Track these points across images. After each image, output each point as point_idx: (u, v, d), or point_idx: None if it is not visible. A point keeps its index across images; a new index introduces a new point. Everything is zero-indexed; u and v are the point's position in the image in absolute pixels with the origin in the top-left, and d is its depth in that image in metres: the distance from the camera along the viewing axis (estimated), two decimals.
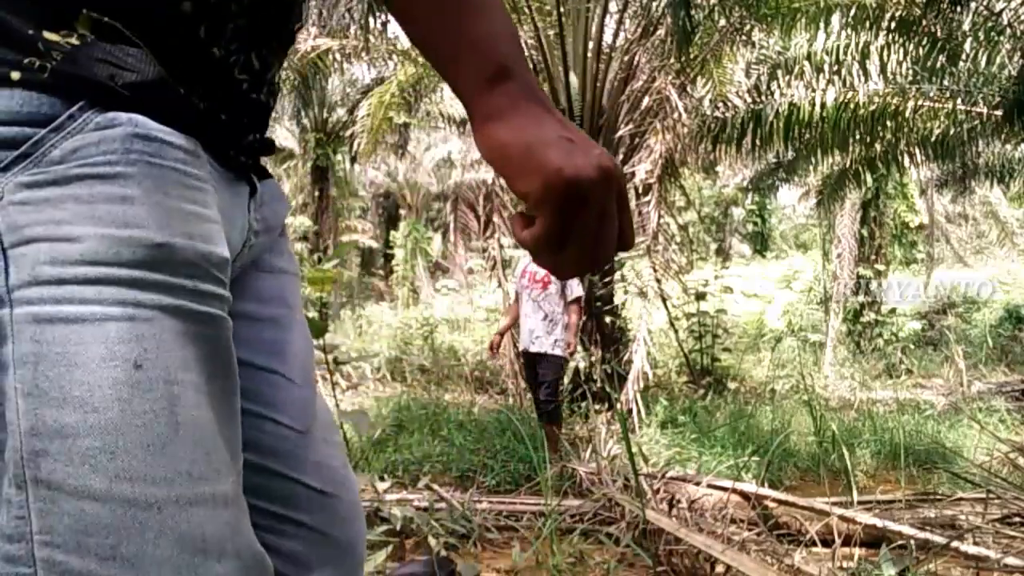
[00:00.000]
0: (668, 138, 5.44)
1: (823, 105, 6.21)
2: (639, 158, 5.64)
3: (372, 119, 7.85)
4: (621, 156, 6.04)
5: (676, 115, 5.47)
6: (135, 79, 0.52)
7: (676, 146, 5.70)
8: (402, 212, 21.79)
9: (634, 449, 2.32)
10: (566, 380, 4.48)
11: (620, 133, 5.93)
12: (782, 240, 23.50)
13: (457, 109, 9.86)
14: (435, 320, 9.87)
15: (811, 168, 8.49)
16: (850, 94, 6.21)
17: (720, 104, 6.51)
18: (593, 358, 5.54)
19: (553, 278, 3.99)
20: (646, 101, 5.84)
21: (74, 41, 0.51)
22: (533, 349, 4.00)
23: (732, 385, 6.44)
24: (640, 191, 5.66)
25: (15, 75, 0.49)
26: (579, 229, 0.53)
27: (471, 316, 11.30)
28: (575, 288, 4.04)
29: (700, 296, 6.35)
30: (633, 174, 5.65)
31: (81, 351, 0.47)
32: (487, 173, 12.29)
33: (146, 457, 0.47)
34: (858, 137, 6.56)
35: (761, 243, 22.25)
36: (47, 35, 0.50)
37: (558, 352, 3.97)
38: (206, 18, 0.57)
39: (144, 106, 0.52)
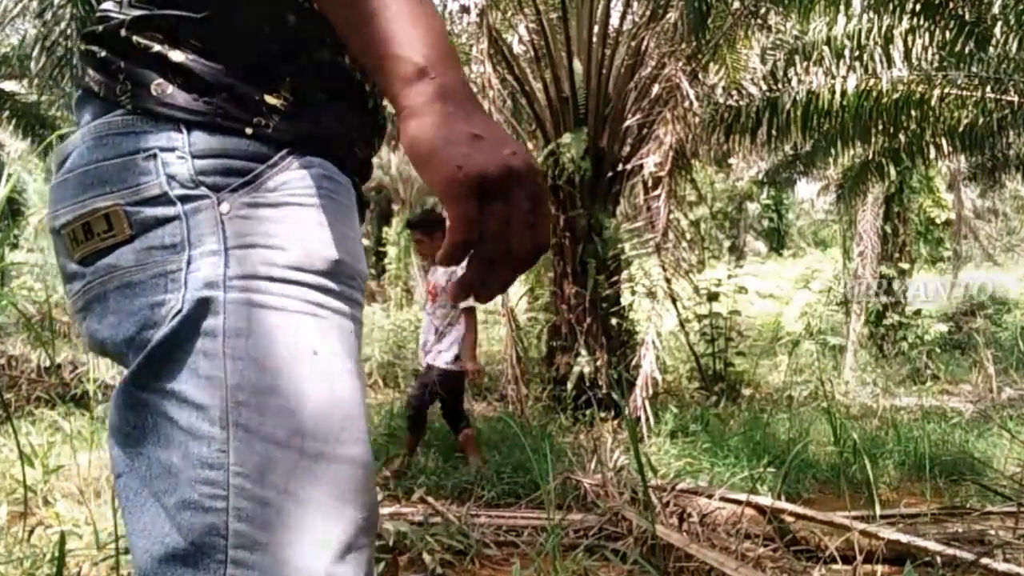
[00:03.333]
0: (678, 128, 5.43)
1: (843, 93, 6.20)
2: (648, 149, 5.63)
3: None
4: (628, 147, 6.04)
5: (687, 104, 5.46)
6: (322, 134, 0.75)
7: (687, 137, 5.69)
8: (395, 207, 21.80)
9: (642, 459, 2.32)
10: (467, 396, 4.46)
11: (627, 123, 5.92)
12: (800, 237, 23.50)
13: None
14: None
15: (831, 160, 8.48)
16: (872, 81, 6.20)
17: (734, 92, 6.51)
18: (599, 362, 5.54)
19: (439, 289, 4.09)
20: (655, 89, 5.84)
21: (282, 103, 0.72)
22: (427, 361, 4.13)
23: (747, 391, 6.44)
24: (649, 185, 5.66)
25: (248, 131, 0.71)
26: (487, 230, 0.60)
27: None
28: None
29: (712, 297, 6.35)
30: (641, 166, 5.65)
31: (279, 332, 0.66)
32: None
33: (314, 419, 0.65)
34: (881, 127, 6.56)
35: (777, 240, 22.25)
36: (267, 98, 0.72)
37: (443, 366, 4.02)
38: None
39: (326, 154, 0.75)
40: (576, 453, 3.98)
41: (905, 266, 10.14)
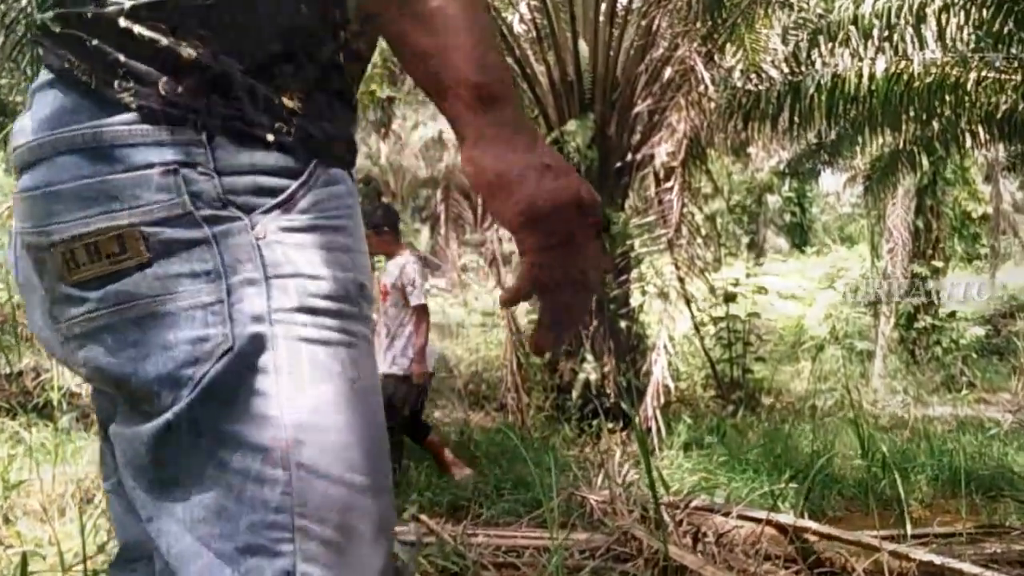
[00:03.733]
0: (693, 115, 5.44)
1: (872, 76, 6.20)
2: (659, 138, 5.64)
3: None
4: (639, 135, 6.04)
5: (702, 88, 5.47)
6: (330, 137, 0.75)
7: (702, 124, 5.70)
8: (385, 200, 21.82)
9: (654, 474, 2.32)
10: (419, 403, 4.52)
11: (637, 109, 5.93)
12: (824, 233, 23.53)
13: None
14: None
15: (858, 149, 8.49)
16: (903, 64, 6.20)
17: (753, 75, 6.51)
18: (606, 368, 5.54)
19: (390, 288, 4.12)
20: (667, 72, 5.84)
21: (298, 105, 0.72)
22: (381, 369, 4.17)
23: (766, 400, 6.45)
24: (660, 176, 5.67)
25: (270, 137, 0.70)
26: (558, 258, 0.68)
27: (465, 320, 11.29)
28: (416, 294, 4.09)
29: (730, 298, 6.35)
30: (652, 156, 5.66)
31: (326, 367, 0.69)
32: None
33: (362, 453, 0.70)
34: (912, 114, 6.56)
35: (800, 236, 22.27)
36: (285, 101, 0.71)
37: (394, 371, 4.05)
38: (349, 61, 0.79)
39: (344, 163, 0.76)
40: (581, 467, 3.99)
41: (939, 264, 10.14)
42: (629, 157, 5.95)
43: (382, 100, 11.86)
